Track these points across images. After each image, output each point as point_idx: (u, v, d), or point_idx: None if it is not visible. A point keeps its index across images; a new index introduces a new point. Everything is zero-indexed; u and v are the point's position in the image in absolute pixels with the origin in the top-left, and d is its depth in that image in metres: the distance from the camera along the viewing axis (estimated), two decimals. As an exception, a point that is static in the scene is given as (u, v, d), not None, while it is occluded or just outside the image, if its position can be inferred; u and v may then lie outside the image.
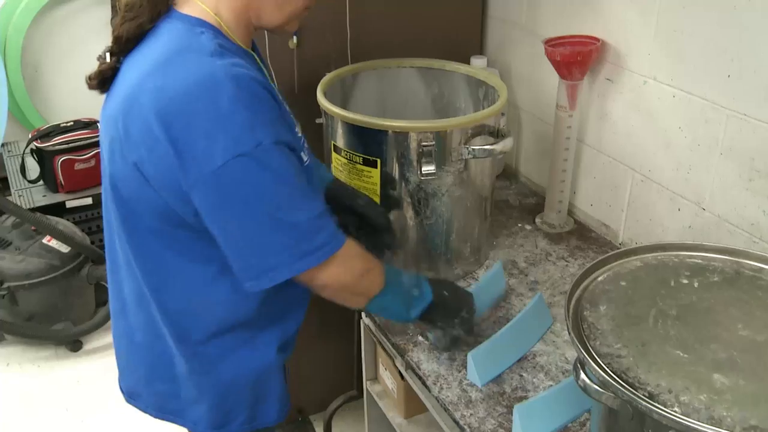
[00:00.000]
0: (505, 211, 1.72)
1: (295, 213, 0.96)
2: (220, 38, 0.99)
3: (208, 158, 0.91)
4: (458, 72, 1.52)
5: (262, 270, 0.98)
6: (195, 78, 0.92)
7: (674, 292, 0.97)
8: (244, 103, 0.91)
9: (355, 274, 1.06)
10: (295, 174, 0.97)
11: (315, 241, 0.98)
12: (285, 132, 0.98)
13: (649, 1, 1.35)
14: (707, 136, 1.30)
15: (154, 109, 0.93)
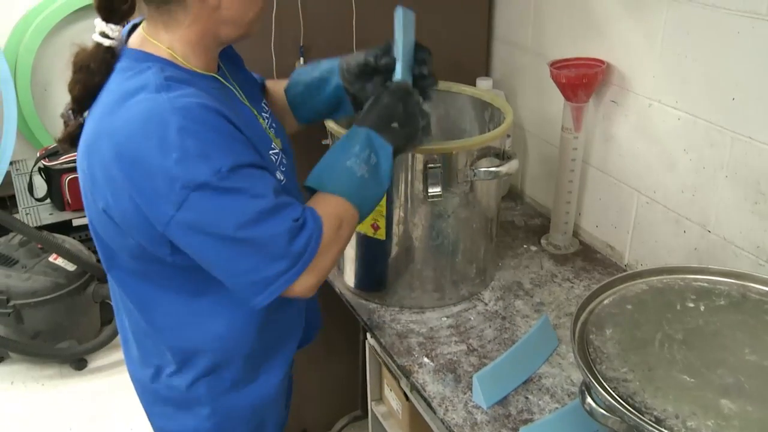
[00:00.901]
0: (511, 231, 1.72)
1: (274, 225, 0.95)
2: (169, 70, 0.98)
3: (171, 196, 0.91)
4: (464, 93, 1.53)
5: (265, 283, 0.98)
6: (141, 117, 0.91)
7: (680, 316, 0.97)
8: (193, 133, 0.90)
9: (335, 244, 1.03)
10: (259, 190, 0.95)
11: (300, 244, 0.98)
12: (246, 154, 0.96)
13: (653, 25, 1.36)
14: (712, 158, 1.30)
15: (111, 153, 0.93)
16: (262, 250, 0.96)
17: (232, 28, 1.03)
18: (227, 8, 0.99)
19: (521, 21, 1.75)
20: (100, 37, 1.00)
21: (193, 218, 0.92)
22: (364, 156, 1.07)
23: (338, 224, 1.03)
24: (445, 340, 1.35)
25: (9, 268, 2.44)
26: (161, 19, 0.99)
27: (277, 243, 0.96)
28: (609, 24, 1.47)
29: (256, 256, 0.96)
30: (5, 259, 2.46)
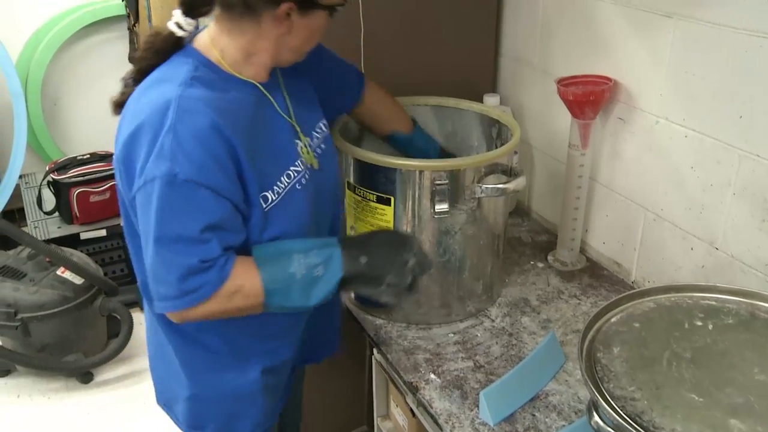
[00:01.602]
0: (518, 248, 1.72)
1: (181, 253, 1.00)
2: (203, 70, 1.06)
3: (136, 179, 1.00)
4: (471, 110, 1.54)
5: (156, 297, 1.05)
6: (155, 105, 1.00)
7: (688, 335, 0.96)
8: (176, 134, 0.97)
9: (217, 304, 1.05)
10: (200, 216, 0.99)
11: (194, 282, 1.01)
12: (213, 176, 0.99)
13: (660, 43, 1.36)
14: (720, 176, 1.30)
15: (126, 129, 1.03)
16: (163, 267, 1.02)
17: (290, 54, 1.12)
18: (295, 37, 1.08)
19: (528, 38, 1.76)
20: (175, 27, 1.08)
21: (139, 203, 1.01)
22: (311, 262, 1.07)
23: (234, 291, 1.05)
24: (451, 356, 1.35)
25: (17, 281, 2.45)
26: (228, 25, 1.07)
27: (172, 272, 1.01)
28: (616, 42, 1.47)
29: (159, 268, 1.02)
30: (14, 272, 2.47)
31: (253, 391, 1.24)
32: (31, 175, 3.37)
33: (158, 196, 0.97)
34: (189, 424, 1.28)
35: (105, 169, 2.92)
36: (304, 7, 1.05)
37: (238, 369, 1.22)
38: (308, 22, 1.07)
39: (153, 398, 1.37)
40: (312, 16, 1.07)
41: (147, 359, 1.36)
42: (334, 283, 1.09)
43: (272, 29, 1.06)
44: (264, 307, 1.08)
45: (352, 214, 1.40)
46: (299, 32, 1.08)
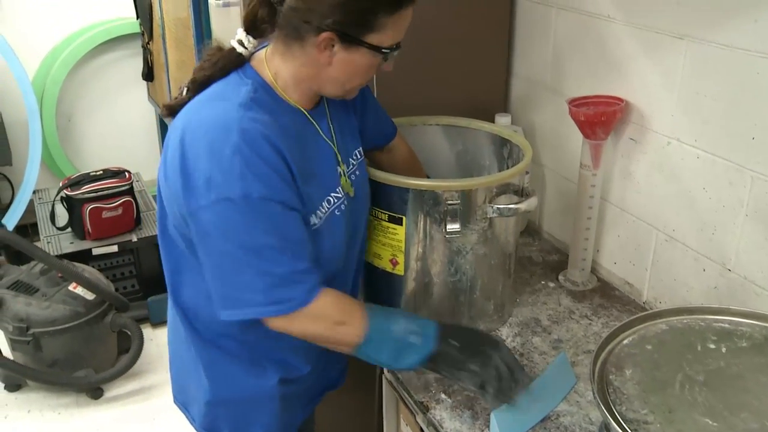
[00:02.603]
0: (528, 267, 1.72)
1: (272, 265, 1.04)
2: (261, 92, 1.09)
3: (202, 194, 1.01)
4: (483, 130, 1.54)
5: (236, 304, 1.07)
6: (213, 122, 1.03)
7: (701, 357, 0.96)
8: (243, 155, 1.00)
9: (324, 327, 1.11)
10: (283, 231, 1.04)
11: (285, 294, 1.05)
12: (283, 192, 1.04)
13: (672, 65, 1.37)
14: (732, 197, 1.30)
15: (177, 140, 1.06)
16: (250, 276, 1.04)
17: (332, 87, 1.14)
18: (335, 70, 1.10)
19: (540, 58, 1.77)
20: (237, 44, 1.11)
21: (208, 221, 1.03)
22: (411, 327, 1.13)
23: (341, 322, 1.11)
24: (462, 376, 1.34)
25: (30, 296, 2.46)
26: (282, 48, 1.11)
27: (261, 281, 1.04)
28: (628, 63, 1.48)
29: (242, 276, 1.04)
30: (26, 288, 2.49)
31: (270, 396, 1.27)
32: (45, 190, 3.40)
33: (237, 213, 1.01)
34: (205, 426, 1.30)
35: (117, 185, 2.95)
36: (347, 41, 1.06)
37: (256, 375, 1.25)
38: (351, 58, 1.08)
39: (163, 414, 1.39)
40: (355, 53, 1.08)
41: (157, 375, 1.38)
42: (425, 355, 1.12)
43: (315, 57, 1.08)
44: (355, 349, 1.12)
45: (363, 233, 1.40)
46: (340, 66, 1.09)
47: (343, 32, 1.05)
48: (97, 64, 3.63)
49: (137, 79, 3.48)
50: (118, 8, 3.53)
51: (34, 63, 3.46)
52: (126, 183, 2.97)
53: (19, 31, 3.36)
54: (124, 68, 3.66)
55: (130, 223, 3.00)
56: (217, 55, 1.12)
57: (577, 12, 1.60)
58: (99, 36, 3.50)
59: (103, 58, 3.63)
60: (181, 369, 1.34)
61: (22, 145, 3.35)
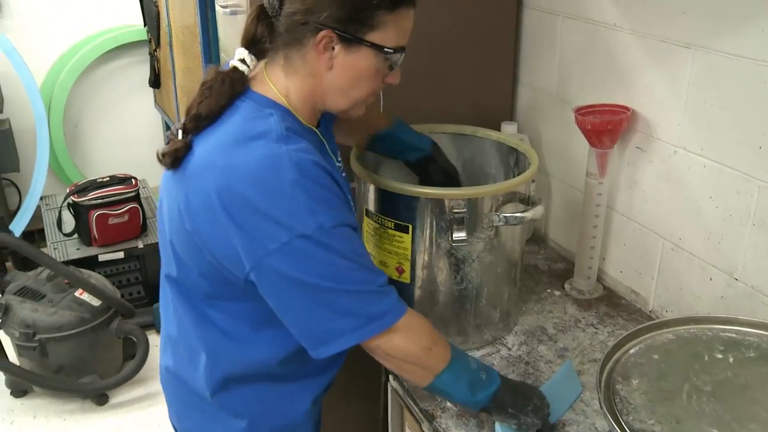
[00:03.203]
0: (534, 276, 1.72)
1: (358, 284, 1.01)
2: (288, 120, 1.05)
3: (270, 239, 0.96)
4: (489, 138, 1.55)
5: (329, 338, 1.02)
6: (260, 163, 0.97)
7: (708, 367, 0.96)
8: (304, 188, 0.96)
9: (420, 346, 1.08)
10: (357, 250, 1.02)
11: (378, 308, 1.02)
12: (346, 213, 1.02)
13: (678, 74, 1.37)
14: (739, 206, 1.30)
15: (216, 187, 0.98)
16: (338, 303, 1.00)
17: (336, 98, 1.09)
18: (336, 76, 1.06)
19: (546, 67, 1.77)
20: (239, 63, 1.06)
21: (284, 264, 0.97)
22: (479, 365, 1.14)
23: (431, 346, 1.08)
24: (468, 384, 1.34)
25: (36, 302, 2.47)
26: (282, 63, 1.07)
27: (354, 303, 1.01)
28: (634, 71, 1.48)
29: (330, 308, 1.00)
30: (33, 293, 2.49)
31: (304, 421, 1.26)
32: (52, 196, 3.42)
33: (315, 247, 0.97)
34: None
35: (124, 191, 2.96)
36: (347, 41, 1.03)
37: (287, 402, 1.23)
38: (352, 61, 1.05)
39: (167, 421, 1.37)
40: (357, 54, 1.04)
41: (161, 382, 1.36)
42: (495, 388, 1.12)
43: (316, 63, 1.04)
44: (436, 377, 1.10)
45: (370, 241, 1.40)
46: (342, 70, 1.05)
47: (342, 29, 1.02)
48: (105, 71, 3.65)
49: (144, 86, 3.50)
50: (125, 15, 3.55)
51: (43, 70, 3.49)
52: (132, 190, 2.98)
53: (27, 38, 3.39)
54: (131, 75, 3.67)
55: (136, 229, 3.01)
56: (219, 80, 1.05)
57: (584, 21, 1.60)
58: (107, 43, 3.52)
59: (111, 65, 3.65)
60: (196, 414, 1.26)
61: (29, 151, 3.36)
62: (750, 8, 1.20)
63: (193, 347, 1.17)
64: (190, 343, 1.17)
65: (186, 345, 1.19)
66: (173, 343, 1.23)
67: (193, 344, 1.17)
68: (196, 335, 1.16)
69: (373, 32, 1.04)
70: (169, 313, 1.22)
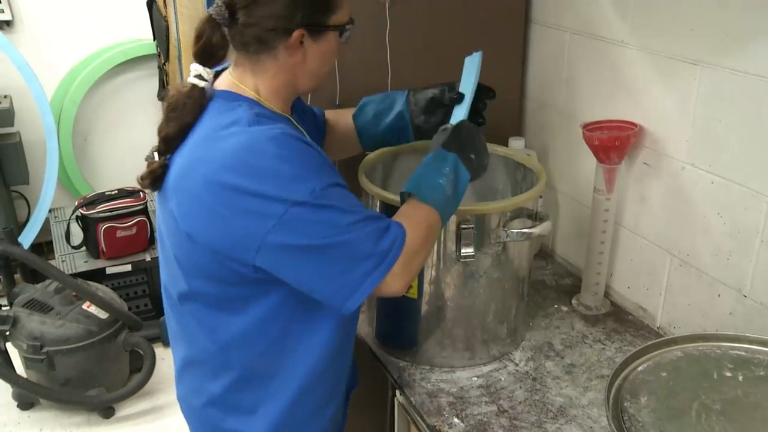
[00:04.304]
0: (542, 291, 1.71)
1: (364, 230, 1.02)
2: (257, 108, 1.08)
3: (267, 216, 0.97)
4: (497, 153, 1.55)
5: (354, 286, 1.04)
6: (237, 147, 0.99)
7: (718, 386, 0.95)
8: (286, 159, 0.99)
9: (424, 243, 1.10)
10: (353, 202, 1.04)
11: (387, 242, 1.04)
12: (333, 175, 1.04)
13: (686, 90, 1.37)
14: (747, 223, 1.30)
15: (201, 182, 1.00)
16: (349, 253, 1.02)
17: (309, 80, 1.14)
18: (309, 64, 1.11)
19: (554, 82, 1.77)
20: (195, 79, 1.08)
21: (287, 234, 0.98)
22: (451, 178, 1.16)
23: (427, 231, 1.11)
24: (475, 400, 1.34)
25: (44, 314, 2.48)
26: (249, 66, 1.10)
27: (364, 244, 1.03)
28: (642, 87, 1.48)
29: (344, 260, 1.02)
30: (41, 306, 2.50)
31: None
32: (61, 209, 3.43)
33: (311, 211, 0.99)
34: None
35: (132, 204, 2.97)
36: (315, 32, 1.08)
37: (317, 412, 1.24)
38: (321, 47, 1.10)
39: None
40: (323, 40, 1.10)
41: (169, 395, 1.38)
42: (467, 184, 1.20)
43: (288, 59, 1.08)
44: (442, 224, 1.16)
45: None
46: (314, 57, 1.10)
47: (312, 24, 1.06)
48: (114, 84, 3.68)
49: (152, 99, 3.52)
50: (135, 30, 3.58)
51: (53, 83, 3.51)
52: (140, 203, 3.00)
53: (39, 51, 3.42)
54: (140, 89, 3.70)
55: (143, 242, 3.02)
56: (180, 97, 1.07)
57: (591, 37, 1.61)
58: (116, 57, 3.55)
59: (120, 79, 3.68)
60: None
61: (39, 164, 3.38)
62: (757, 26, 1.21)
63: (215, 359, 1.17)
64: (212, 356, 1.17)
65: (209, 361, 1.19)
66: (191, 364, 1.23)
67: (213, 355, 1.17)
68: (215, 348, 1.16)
69: (333, 15, 1.09)
70: (179, 341, 1.23)
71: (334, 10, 1.09)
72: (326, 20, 1.09)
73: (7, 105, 3.20)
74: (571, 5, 1.66)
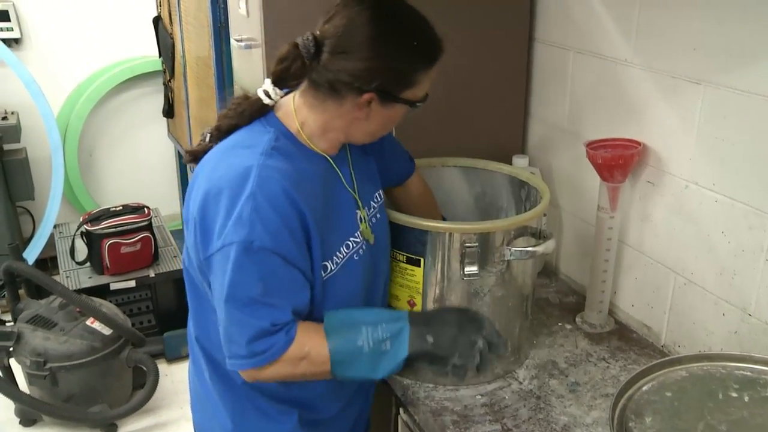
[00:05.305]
0: (546, 309, 1.71)
1: (256, 316, 1.04)
2: (283, 140, 1.11)
3: (214, 240, 1.04)
4: (501, 172, 1.55)
5: (230, 353, 1.09)
6: (234, 170, 1.05)
7: (723, 406, 0.95)
8: (255, 202, 1.02)
9: (291, 366, 1.09)
10: (270, 281, 1.04)
11: (263, 345, 1.06)
12: (286, 246, 1.04)
13: (689, 109, 1.38)
14: (752, 242, 1.30)
15: (202, 190, 1.08)
16: (235, 328, 1.06)
17: (364, 137, 1.17)
18: (371, 123, 1.13)
19: (557, 100, 1.78)
20: (263, 94, 1.14)
21: (216, 266, 1.05)
22: (378, 336, 1.10)
23: (302, 357, 1.09)
24: (479, 418, 1.33)
25: (48, 330, 2.48)
26: (312, 101, 1.13)
27: (243, 333, 1.05)
28: (645, 106, 1.49)
29: (231, 328, 1.07)
30: (45, 322, 2.50)
31: None
32: (66, 225, 3.44)
33: (233, 260, 1.02)
34: None
35: (136, 221, 2.98)
36: (386, 99, 1.10)
37: (280, 420, 1.24)
38: (386, 112, 1.13)
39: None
40: (391, 108, 1.12)
41: (172, 411, 1.39)
42: (400, 360, 1.11)
43: (352, 112, 1.11)
44: (331, 375, 1.11)
45: (381, 273, 1.41)
46: (376, 119, 1.13)
47: (385, 92, 1.08)
48: (120, 100, 3.70)
49: (157, 115, 3.54)
50: (141, 47, 3.61)
51: (60, 99, 3.54)
52: (145, 219, 3.01)
53: (46, 68, 3.44)
54: (145, 105, 3.72)
55: (148, 258, 3.02)
56: (244, 104, 1.15)
57: (595, 56, 1.62)
58: (123, 74, 3.58)
59: (126, 95, 3.70)
60: (204, 411, 1.34)
61: (44, 179, 3.40)
62: (759, 45, 1.22)
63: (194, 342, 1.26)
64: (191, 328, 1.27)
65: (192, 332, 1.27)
66: (189, 334, 1.30)
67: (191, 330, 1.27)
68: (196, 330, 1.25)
69: (409, 90, 1.11)
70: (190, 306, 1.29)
71: (411, 86, 1.11)
72: (400, 92, 1.11)
73: (14, 121, 3.22)
74: (575, 24, 1.67)
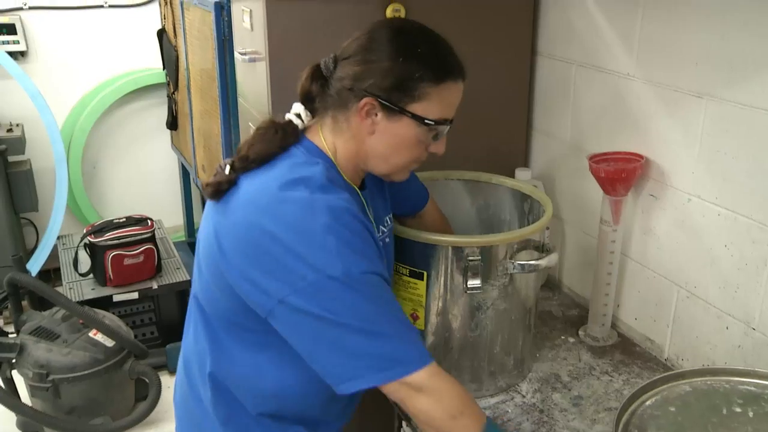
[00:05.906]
0: (548, 322, 1.71)
1: (386, 327, 1.01)
2: (331, 171, 1.08)
3: (297, 278, 0.97)
4: (504, 185, 1.56)
5: (354, 374, 1.01)
6: (295, 206, 1.00)
7: (727, 421, 0.95)
8: (336, 233, 0.98)
9: (446, 413, 1.04)
10: (385, 297, 1.02)
11: (401, 354, 1.01)
12: (376, 263, 1.03)
13: (692, 123, 1.38)
14: (755, 255, 1.30)
15: (251, 223, 1.01)
16: (362, 344, 1.00)
17: (377, 162, 1.14)
18: (377, 140, 1.10)
19: (560, 114, 1.79)
20: (294, 117, 1.12)
21: (309, 302, 0.98)
22: None
23: (461, 411, 1.05)
24: (482, 433, 1.33)
25: (51, 342, 2.47)
26: (330, 122, 1.12)
27: (405, 338, 1.02)
28: (647, 120, 1.50)
29: (356, 347, 1.00)
30: (48, 334, 2.50)
31: None
32: (69, 236, 3.45)
33: (343, 290, 0.98)
34: None
35: (139, 232, 2.98)
36: (388, 109, 1.08)
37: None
38: (393, 128, 1.09)
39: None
40: (397, 122, 1.09)
41: (174, 423, 1.36)
42: None
43: (359, 126, 1.09)
44: None
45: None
46: (383, 136, 1.10)
47: (384, 98, 1.06)
48: (123, 112, 3.72)
49: (161, 127, 3.55)
50: (145, 59, 3.62)
51: (64, 111, 3.55)
52: (148, 231, 3.01)
53: (50, 80, 3.46)
54: (149, 117, 3.73)
55: (151, 270, 3.02)
56: (272, 129, 1.10)
57: (597, 69, 1.62)
58: (127, 86, 3.59)
59: (129, 107, 3.72)
60: None
61: (48, 191, 3.41)
62: (761, 59, 1.22)
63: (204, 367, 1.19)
64: (203, 363, 1.19)
65: (200, 365, 1.20)
66: (187, 361, 1.25)
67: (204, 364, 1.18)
68: (210, 358, 1.17)
69: (415, 103, 1.08)
70: (189, 330, 1.25)
71: (416, 98, 1.07)
72: (402, 103, 1.07)
73: (19, 133, 3.23)
74: (578, 38, 1.68)
